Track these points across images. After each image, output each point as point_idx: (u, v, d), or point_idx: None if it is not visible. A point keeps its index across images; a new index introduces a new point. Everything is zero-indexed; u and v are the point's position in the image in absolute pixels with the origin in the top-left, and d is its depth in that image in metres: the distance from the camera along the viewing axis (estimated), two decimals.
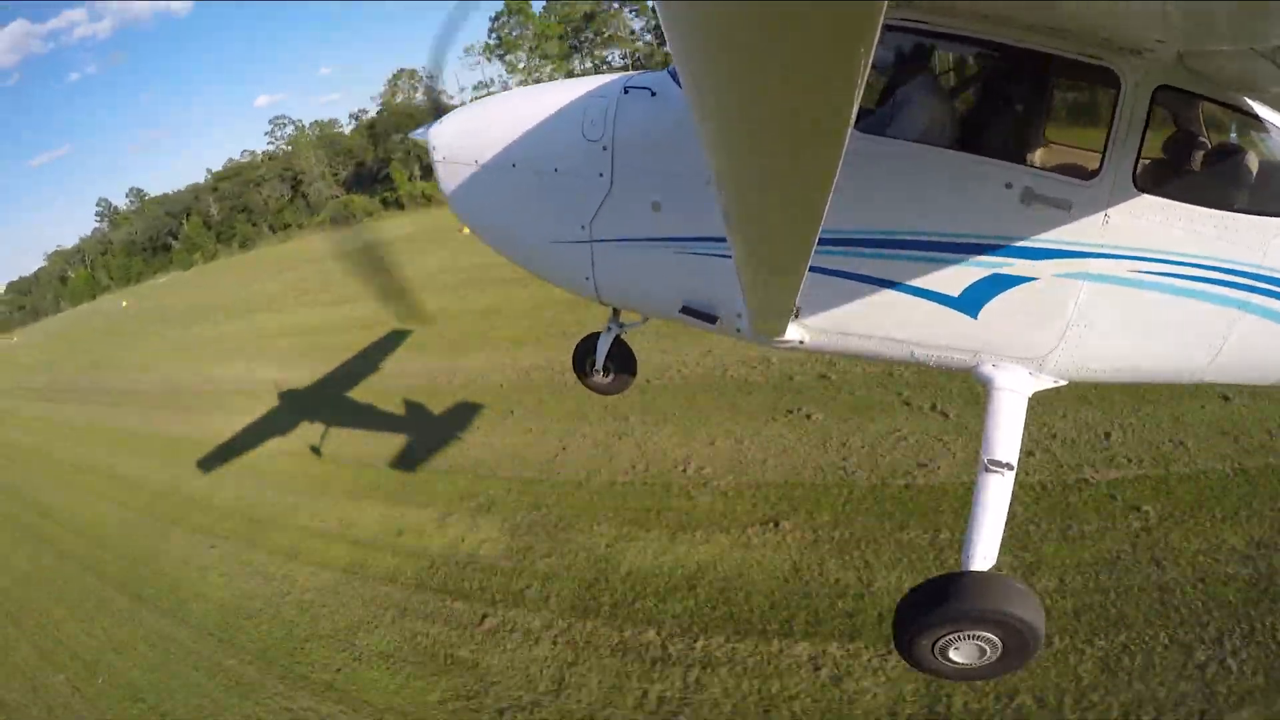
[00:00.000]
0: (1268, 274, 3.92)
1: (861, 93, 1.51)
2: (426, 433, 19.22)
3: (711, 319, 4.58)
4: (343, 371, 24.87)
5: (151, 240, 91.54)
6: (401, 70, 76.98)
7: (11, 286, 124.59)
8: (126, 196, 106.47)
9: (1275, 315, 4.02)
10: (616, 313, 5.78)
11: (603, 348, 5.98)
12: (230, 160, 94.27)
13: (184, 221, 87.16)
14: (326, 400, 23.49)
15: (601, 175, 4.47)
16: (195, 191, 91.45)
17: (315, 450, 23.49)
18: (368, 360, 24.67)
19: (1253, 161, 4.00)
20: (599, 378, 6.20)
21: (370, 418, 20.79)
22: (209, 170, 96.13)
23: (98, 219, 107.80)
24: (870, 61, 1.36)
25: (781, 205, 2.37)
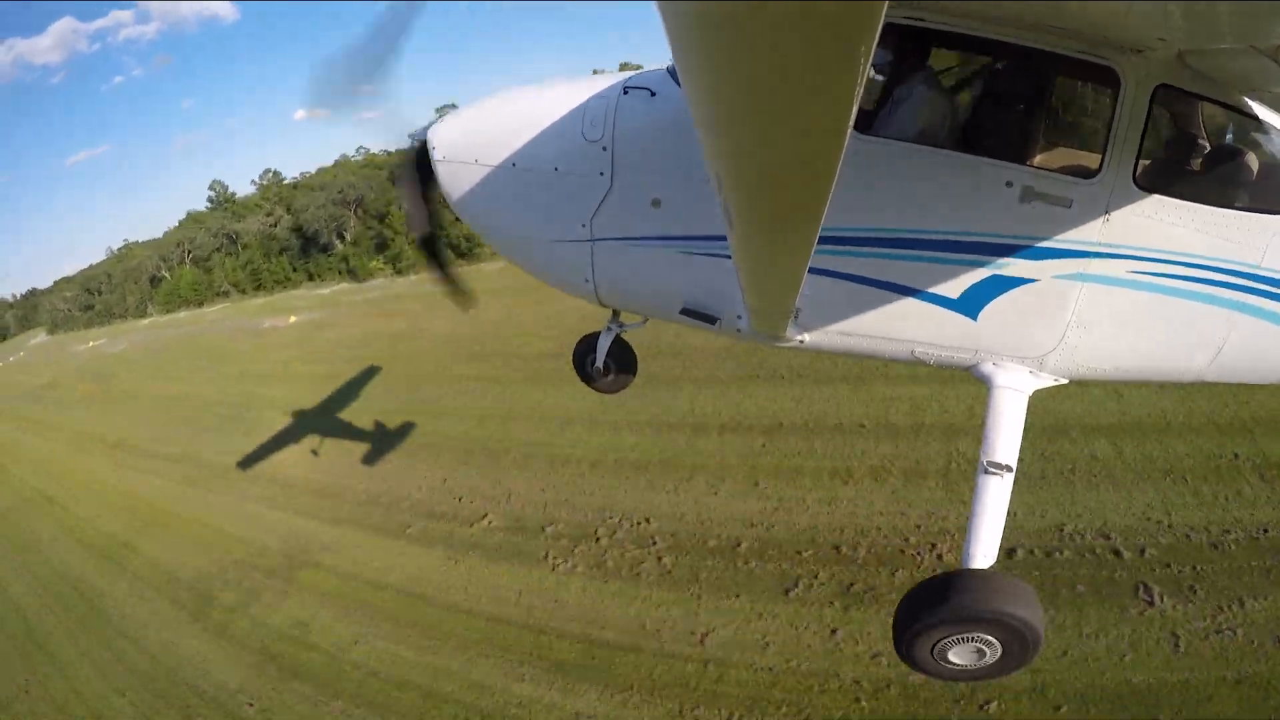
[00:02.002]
0: (1267, 274, 3.92)
1: (861, 92, 1.50)
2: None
3: (712, 319, 4.57)
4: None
5: (305, 236, 66.37)
6: (624, 65, 61.82)
7: (71, 281, 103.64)
8: (255, 181, 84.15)
9: (1274, 316, 4.02)
10: (616, 313, 5.77)
11: (602, 347, 5.99)
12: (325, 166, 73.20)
13: (356, 214, 63.38)
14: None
15: (602, 174, 4.46)
16: (362, 175, 66.60)
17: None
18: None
19: (1252, 161, 4.00)
20: (599, 377, 6.22)
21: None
22: (348, 153, 72.54)
23: (210, 205, 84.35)
24: (870, 61, 1.36)
25: (781, 205, 2.37)
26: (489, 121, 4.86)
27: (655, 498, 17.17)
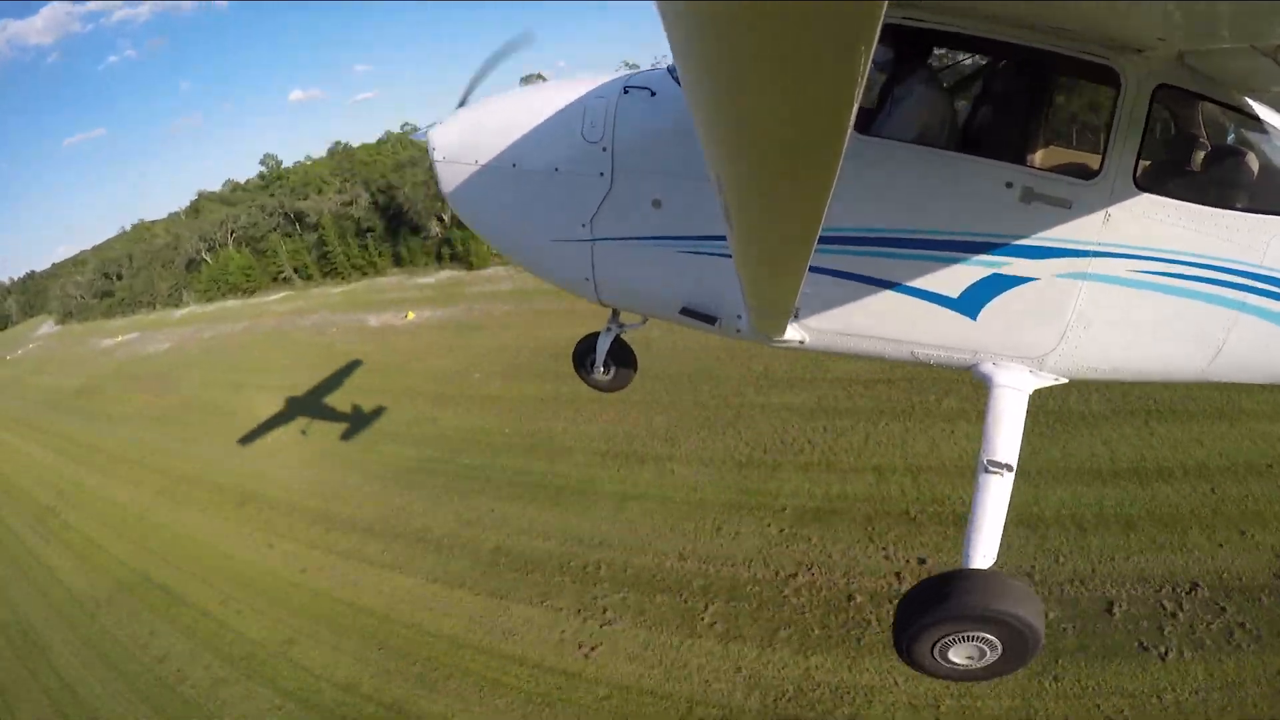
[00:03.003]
0: (1267, 274, 3.92)
1: (861, 92, 1.50)
2: None
3: (711, 319, 4.58)
4: None
5: (391, 215, 56.70)
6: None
7: (82, 265, 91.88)
8: (331, 153, 72.44)
9: (1274, 315, 4.02)
10: (616, 312, 5.78)
11: (602, 347, 6.01)
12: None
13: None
14: None
15: (602, 175, 4.46)
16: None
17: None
18: None
19: (1253, 161, 3.99)
20: (599, 376, 6.24)
21: None
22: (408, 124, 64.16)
23: (262, 181, 75.50)
24: (870, 61, 1.36)
25: (781, 205, 2.37)
26: (489, 122, 4.86)
27: (1210, 561, 14.30)
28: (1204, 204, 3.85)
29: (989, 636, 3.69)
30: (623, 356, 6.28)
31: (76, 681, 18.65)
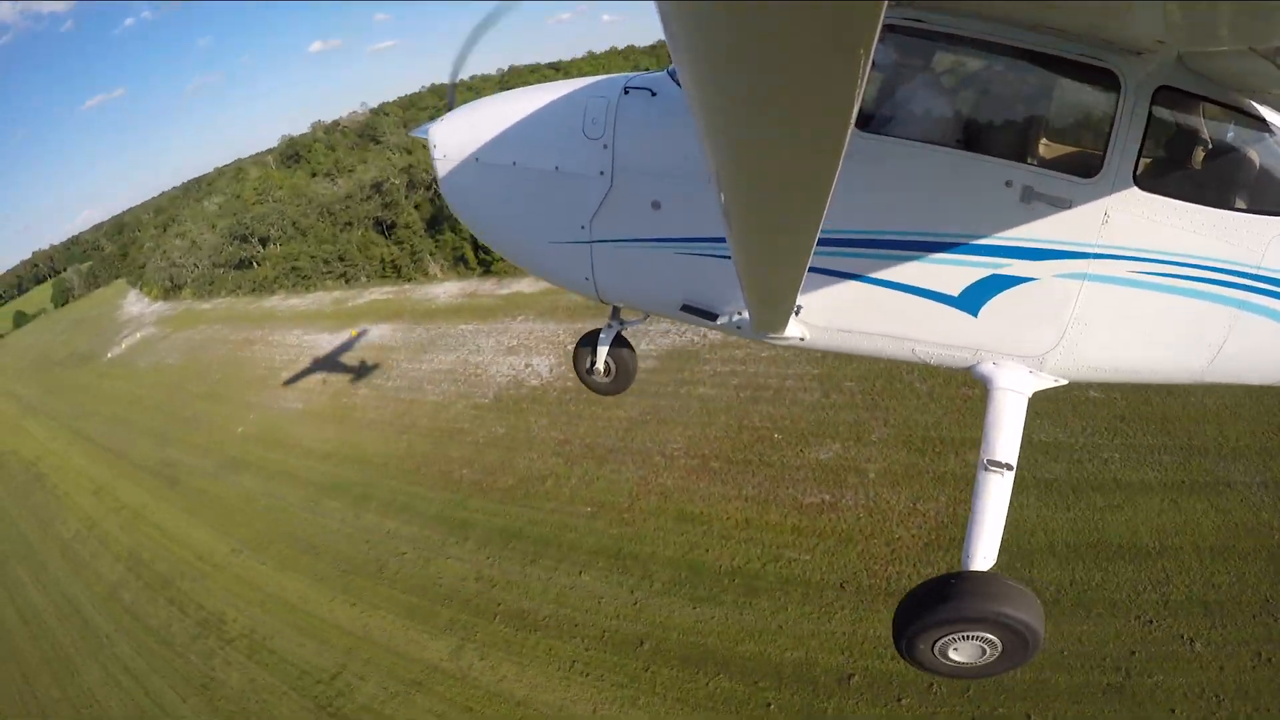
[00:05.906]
0: (1267, 274, 3.93)
1: (862, 92, 1.51)
2: None
3: (712, 317, 4.59)
4: None
5: None
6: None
7: (159, 224, 68.95)
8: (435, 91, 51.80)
9: (1275, 315, 4.02)
10: (617, 311, 5.77)
11: (603, 347, 5.98)
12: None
13: None
14: None
15: (602, 174, 4.47)
16: None
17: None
18: None
19: (1253, 161, 4.00)
20: (599, 377, 6.20)
21: None
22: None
23: (382, 114, 55.01)
24: (870, 61, 1.37)
25: (782, 205, 2.37)
26: (490, 120, 4.86)
27: None
28: (1204, 204, 3.85)
29: (989, 636, 3.70)
30: (623, 357, 6.25)
31: None
